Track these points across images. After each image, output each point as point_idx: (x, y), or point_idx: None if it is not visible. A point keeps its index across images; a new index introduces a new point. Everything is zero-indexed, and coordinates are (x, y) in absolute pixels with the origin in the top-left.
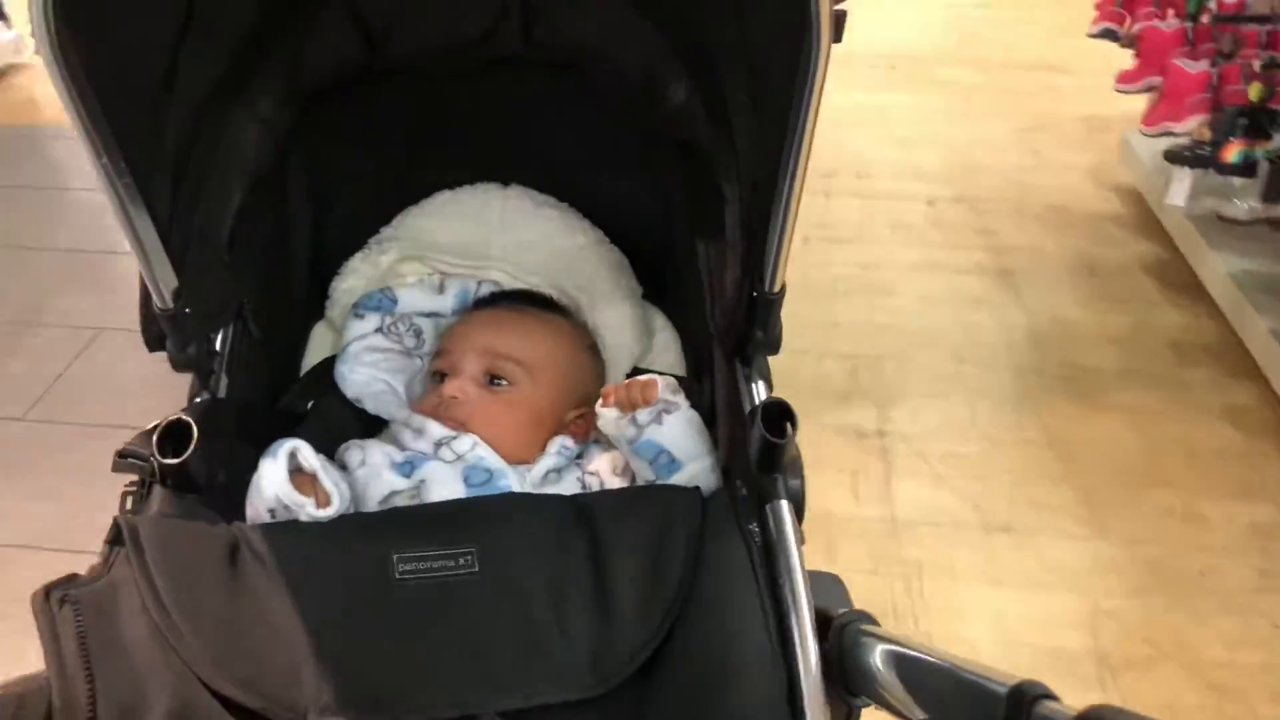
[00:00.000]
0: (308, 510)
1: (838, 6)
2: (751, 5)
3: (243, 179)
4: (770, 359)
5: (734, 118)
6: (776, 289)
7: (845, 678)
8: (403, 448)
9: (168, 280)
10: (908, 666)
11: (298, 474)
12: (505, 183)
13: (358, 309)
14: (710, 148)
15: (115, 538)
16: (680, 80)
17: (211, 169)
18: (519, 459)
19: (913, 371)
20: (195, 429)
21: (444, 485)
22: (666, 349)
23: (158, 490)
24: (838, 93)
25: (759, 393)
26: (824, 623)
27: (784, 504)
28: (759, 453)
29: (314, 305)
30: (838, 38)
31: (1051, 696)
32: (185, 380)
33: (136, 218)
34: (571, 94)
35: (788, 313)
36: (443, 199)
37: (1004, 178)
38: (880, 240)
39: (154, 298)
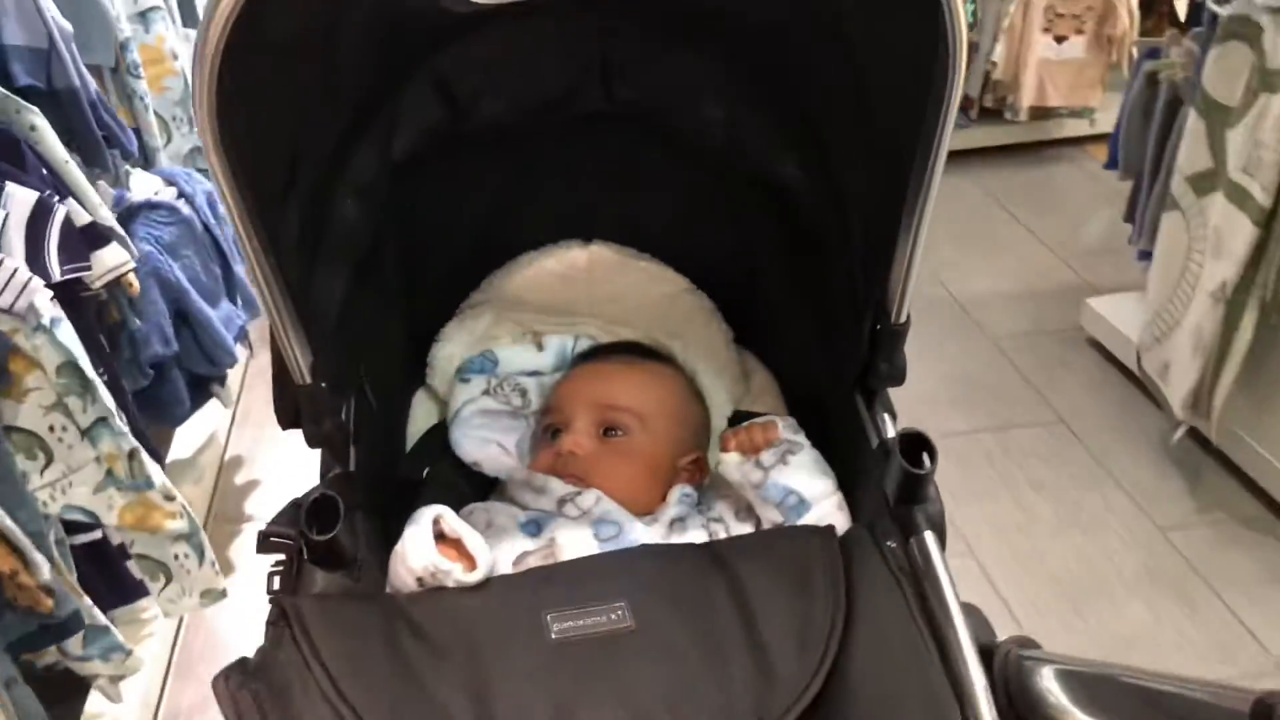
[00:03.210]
0: (455, 575)
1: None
2: (869, 45)
3: (348, 255)
4: None
5: (838, 156)
6: (902, 320)
7: (1015, 706)
8: (525, 507)
9: (306, 356)
10: (1087, 686)
11: (440, 540)
12: (588, 239)
13: (462, 374)
14: (807, 191)
15: (277, 619)
16: (769, 124)
17: (322, 247)
18: (642, 510)
19: None
20: (340, 503)
21: (576, 542)
22: (764, 391)
23: (307, 568)
24: None
25: (887, 426)
26: (983, 652)
27: (929, 535)
28: (899, 485)
29: (413, 373)
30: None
31: None
32: None
33: (280, 296)
34: (653, 146)
35: None
36: (528, 259)
37: None
38: None
39: (294, 374)
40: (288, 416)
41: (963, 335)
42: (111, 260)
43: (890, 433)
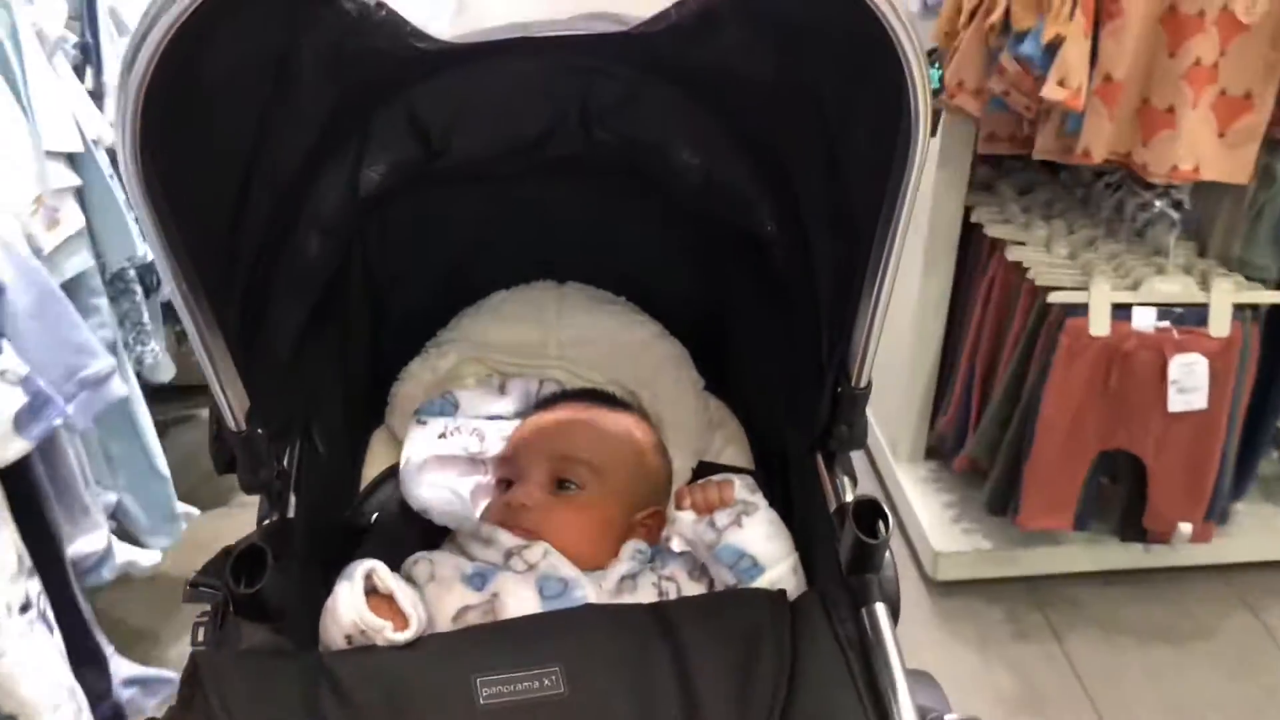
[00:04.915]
0: (386, 634)
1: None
2: (838, 105)
3: (307, 292)
4: None
5: (807, 213)
6: (863, 384)
7: None
8: (472, 558)
9: (241, 401)
10: None
11: (373, 595)
12: (561, 280)
13: (420, 415)
14: (779, 243)
15: (192, 675)
16: (745, 174)
17: (276, 284)
18: (592, 565)
19: None
20: (269, 554)
21: (518, 598)
22: (730, 441)
23: (231, 620)
24: None
25: (845, 490)
26: None
27: (880, 606)
28: (851, 554)
29: (373, 411)
30: (933, 132)
31: None
32: None
33: (212, 341)
34: (629, 191)
35: None
36: (499, 298)
37: None
38: None
39: (227, 420)
40: (222, 462)
41: None
42: None
43: (848, 497)
